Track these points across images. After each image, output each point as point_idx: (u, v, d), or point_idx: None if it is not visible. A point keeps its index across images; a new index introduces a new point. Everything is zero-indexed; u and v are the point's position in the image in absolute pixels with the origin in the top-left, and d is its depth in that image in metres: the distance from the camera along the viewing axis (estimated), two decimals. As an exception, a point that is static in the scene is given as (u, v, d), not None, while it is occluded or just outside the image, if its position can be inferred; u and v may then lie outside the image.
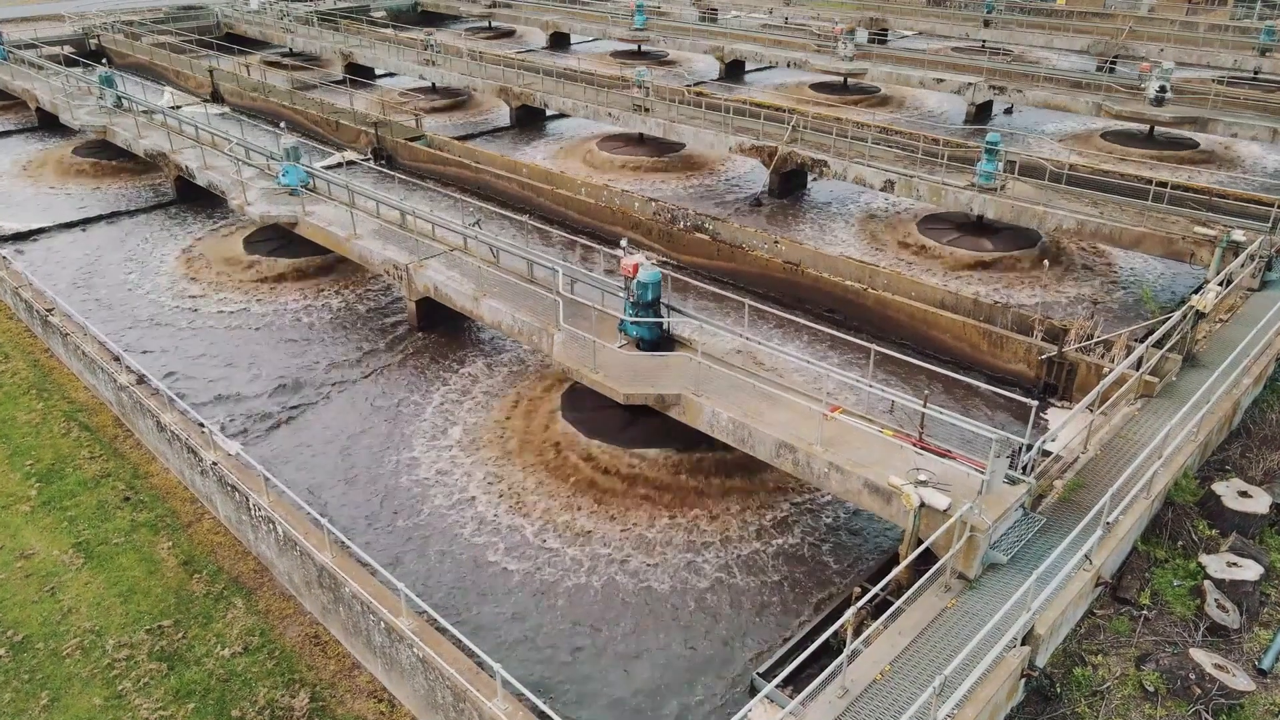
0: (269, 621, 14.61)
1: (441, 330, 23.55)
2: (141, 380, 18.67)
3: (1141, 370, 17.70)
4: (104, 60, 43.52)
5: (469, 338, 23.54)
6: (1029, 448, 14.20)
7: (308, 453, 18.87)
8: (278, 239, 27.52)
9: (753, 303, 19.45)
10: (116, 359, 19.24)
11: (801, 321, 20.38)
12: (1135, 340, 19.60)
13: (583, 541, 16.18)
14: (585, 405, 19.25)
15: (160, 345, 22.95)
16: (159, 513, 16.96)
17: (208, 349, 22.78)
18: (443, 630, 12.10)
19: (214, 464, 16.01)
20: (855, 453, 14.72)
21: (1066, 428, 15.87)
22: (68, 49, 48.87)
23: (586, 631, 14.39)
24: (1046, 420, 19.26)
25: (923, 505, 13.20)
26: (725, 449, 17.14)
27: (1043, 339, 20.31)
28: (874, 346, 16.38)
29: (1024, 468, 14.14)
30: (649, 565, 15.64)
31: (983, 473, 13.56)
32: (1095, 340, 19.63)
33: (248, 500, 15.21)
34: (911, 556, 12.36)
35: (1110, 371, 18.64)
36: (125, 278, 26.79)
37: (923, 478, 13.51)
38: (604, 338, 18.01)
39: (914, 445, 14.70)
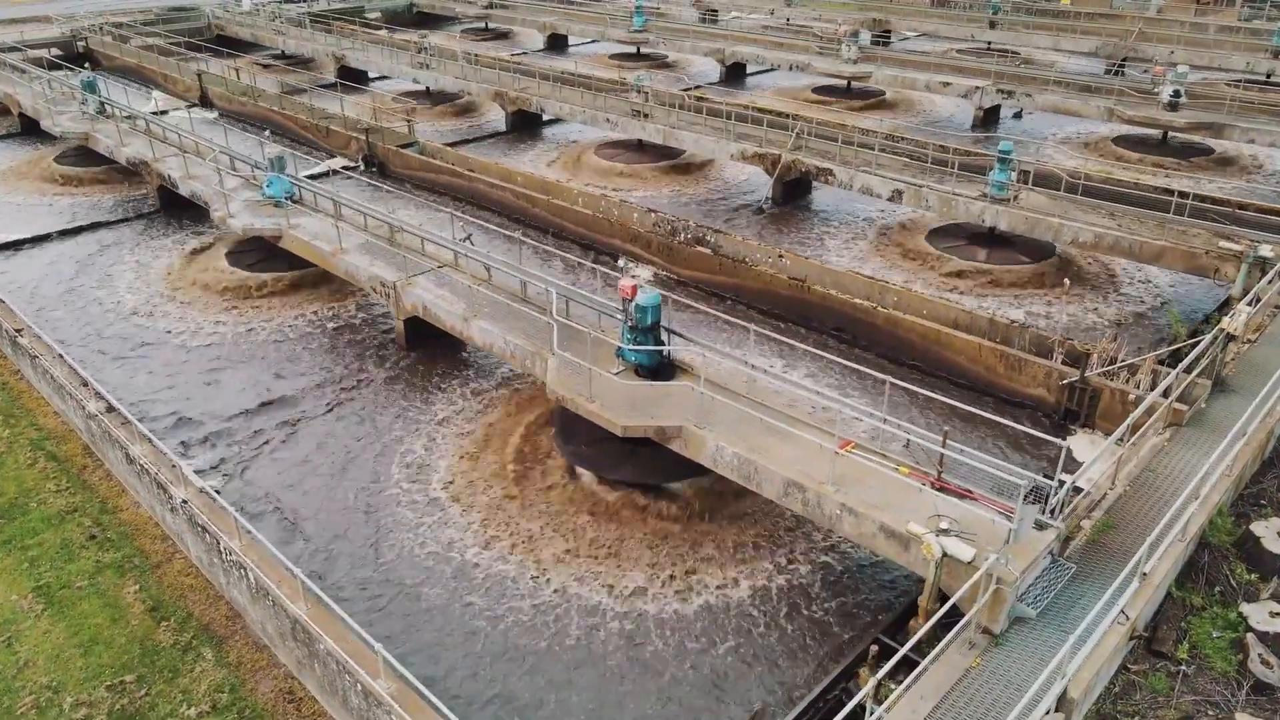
0: (240, 675, 13.59)
1: (431, 348, 22.45)
2: (111, 409, 17.64)
3: (1170, 398, 16.66)
4: (86, 64, 42.53)
5: (461, 356, 22.49)
6: (1058, 486, 13.17)
7: (288, 479, 17.88)
8: (263, 251, 26.42)
9: (758, 329, 18.30)
10: (85, 384, 18.20)
11: (810, 348, 19.14)
12: (1160, 363, 18.60)
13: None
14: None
15: (136, 365, 21.90)
16: (126, 552, 15.91)
17: (181, 370, 21.72)
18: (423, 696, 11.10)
19: (184, 501, 15.00)
20: (869, 493, 13.72)
21: (1094, 462, 14.82)
22: (54, 52, 47.73)
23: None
24: (1065, 442, 18.21)
25: (945, 555, 12.18)
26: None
27: (1063, 362, 19.28)
28: (889, 379, 15.28)
29: (1052, 510, 13.12)
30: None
31: (1008, 517, 12.56)
32: (1119, 364, 18.60)
33: (218, 543, 14.20)
34: (938, 615, 11.33)
35: (1135, 397, 17.68)
36: (98, 293, 25.62)
37: (944, 525, 12.49)
38: (600, 363, 16.97)
39: (932, 485, 13.70)
